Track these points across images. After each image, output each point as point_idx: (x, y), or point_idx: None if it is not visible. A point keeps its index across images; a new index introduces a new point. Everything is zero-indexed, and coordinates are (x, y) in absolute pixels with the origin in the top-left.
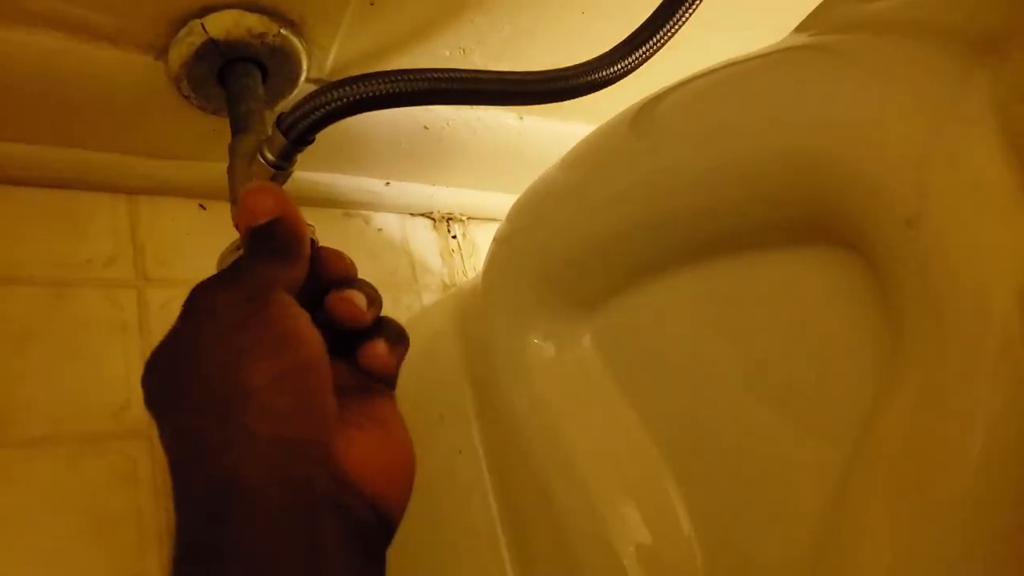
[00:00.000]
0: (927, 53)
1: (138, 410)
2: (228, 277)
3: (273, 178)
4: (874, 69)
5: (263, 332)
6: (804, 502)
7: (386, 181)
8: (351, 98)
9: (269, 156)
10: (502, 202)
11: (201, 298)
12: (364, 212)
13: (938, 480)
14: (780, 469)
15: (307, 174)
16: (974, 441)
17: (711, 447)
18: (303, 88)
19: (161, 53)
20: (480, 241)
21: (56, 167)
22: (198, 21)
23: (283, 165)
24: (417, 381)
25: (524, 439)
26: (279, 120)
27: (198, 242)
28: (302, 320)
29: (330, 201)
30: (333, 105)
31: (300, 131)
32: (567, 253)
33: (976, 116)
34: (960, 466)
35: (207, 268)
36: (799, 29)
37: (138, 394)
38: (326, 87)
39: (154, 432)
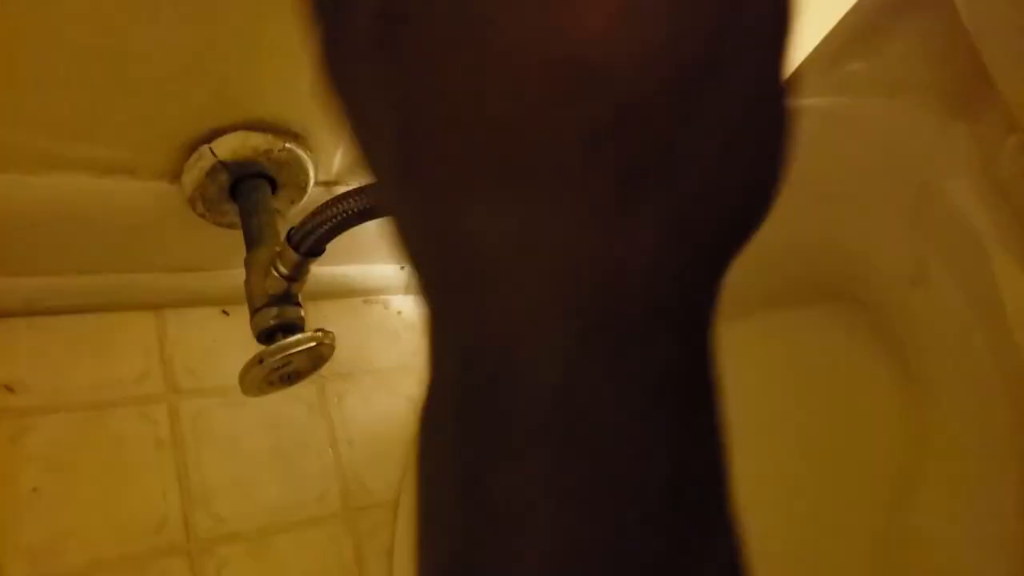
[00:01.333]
0: (907, 111)
1: (174, 526)
2: None
3: (286, 290)
4: (862, 131)
5: None
6: (840, 553)
7: (400, 265)
8: (354, 210)
9: (283, 270)
10: None
11: None
12: (383, 297)
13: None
14: (811, 525)
15: (323, 268)
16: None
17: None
18: (313, 192)
19: (175, 178)
20: None
21: (86, 293)
22: (207, 146)
23: (296, 276)
24: None
25: None
26: (289, 236)
27: (224, 348)
28: None
29: (348, 291)
30: (338, 218)
31: (310, 245)
32: None
33: (961, 166)
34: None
35: (234, 373)
36: None
37: (175, 509)
38: (330, 202)
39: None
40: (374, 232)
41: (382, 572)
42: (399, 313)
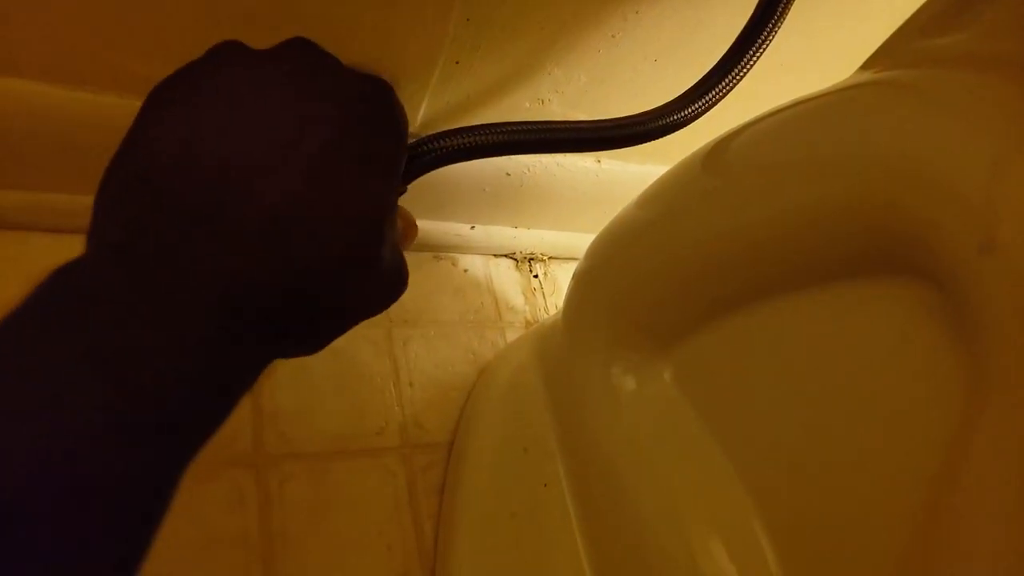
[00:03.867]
0: (994, 86)
1: (245, 439)
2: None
3: None
4: (941, 103)
5: None
6: (893, 540)
7: (471, 225)
8: (441, 152)
9: None
10: (582, 242)
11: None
12: (451, 254)
13: None
14: (868, 506)
15: None
16: None
17: (796, 482)
18: None
19: None
20: (561, 280)
21: None
22: None
23: None
24: (501, 414)
25: (610, 472)
26: None
27: None
28: None
29: (421, 245)
30: (425, 158)
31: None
32: (643, 289)
33: None
34: None
35: None
36: (864, 67)
37: (247, 424)
38: (418, 142)
39: None
40: (448, 190)
41: (431, 507)
42: (465, 271)
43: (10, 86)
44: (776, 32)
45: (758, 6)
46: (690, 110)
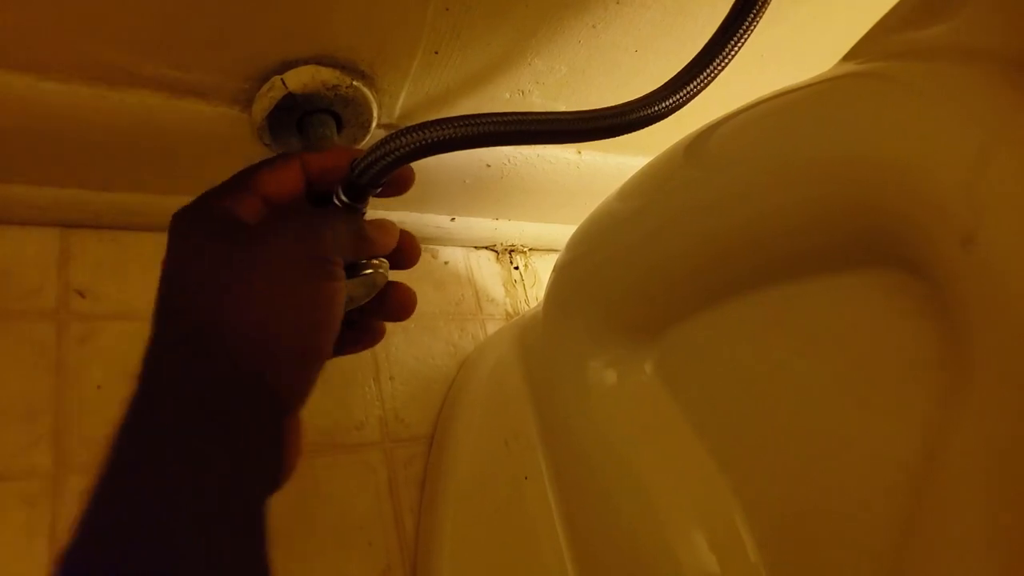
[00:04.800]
0: (978, 77)
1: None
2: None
3: None
4: (924, 93)
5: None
6: (874, 529)
7: (451, 216)
8: (417, 144)
9: (344, 198)
10: (562, 233)
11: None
12: (431, 247)
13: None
14: (848, 496)
15: (378, 213)
16: None
17: (777, 472)
18: (374, 133)
19: (246, 106)
20: (542, 272)
21: (150, 212)
22: (278, 77)
23: (357, 206)
24: (482, 407)
25: (590, 466)
26: (352, 166)
27: None
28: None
29: None
30: (400, 152)
31: (371, 176)
32: (623, 281)
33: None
34: None
35: None
36: (847, 58)
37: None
38: (393, 135)
39: None
40: (428, 181)
41: (413, 501)
42: (445, 263)
43: None
44: (757, 22)
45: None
46: (671, 101)
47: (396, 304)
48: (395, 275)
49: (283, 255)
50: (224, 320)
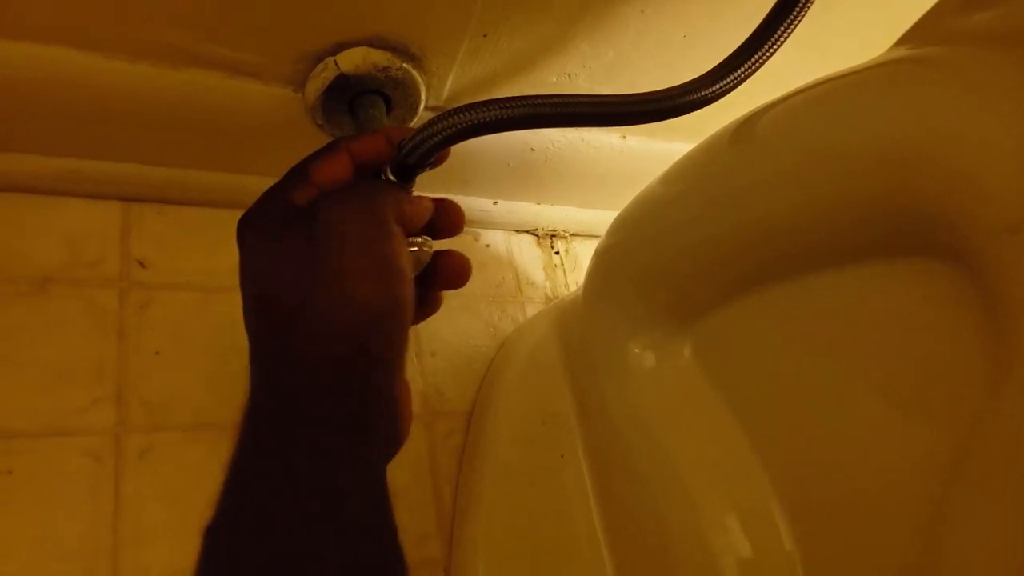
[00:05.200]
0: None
1: None
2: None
3: None
4: (974, 79)
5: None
6: (910, 518)
7: (494, 200)
8: (463, 125)
9: (391, 176)
10: (604, 219)
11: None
12: (474, 229)
13: None
14: (884, 486)
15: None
16: None
17: (813, 459)
18: (422, 115)
19: (299, 87)
20: (582, 257)
21: (205, 189)
22: (332, 58)
23: (404, 185)
24: (521, 386)
25: (627, 447)
26: (400, 145)
27: None
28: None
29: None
30: (448, 132)
31: (419, 155)
32: (664, 265)
33: None
34: None
35: None
36: (899, 43)
37: None
38: (441, 116)
39: None
40: (472, 164)
41: (451, 472)
42: (487, 246)
43: (18, 50)
44: (807, 8)
45: None
46: (717, 87)
47: (450, 271)
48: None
49: (348, 223)
50: (314, 300)
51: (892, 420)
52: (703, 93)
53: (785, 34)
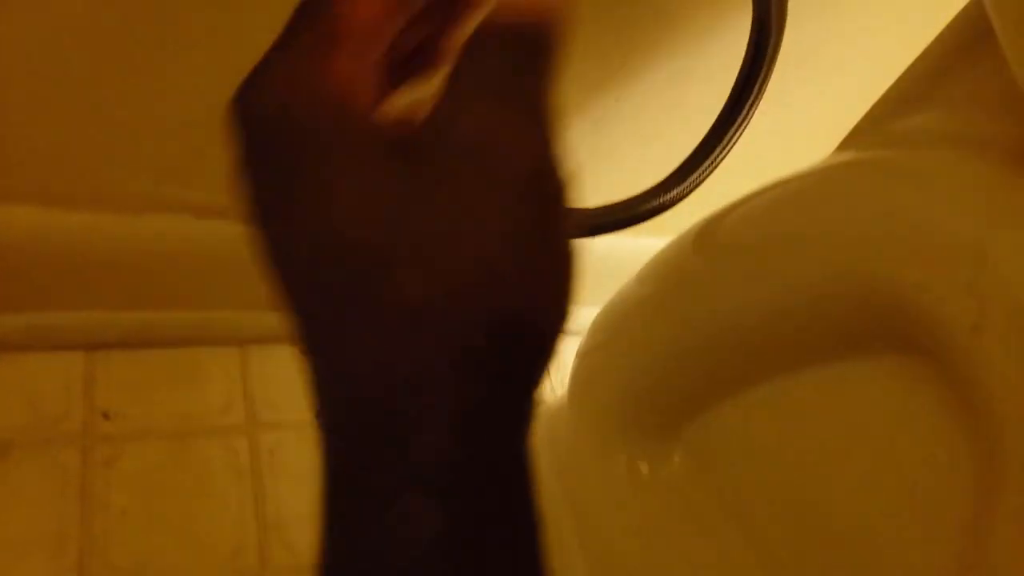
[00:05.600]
0: (970, 163)
1: (250, 553)
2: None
3: None
4: (923, 184)
5: None
6: None
7: None
8: None
9: None
10: (582, 315)
11: None
12: None
13: None
14: None
15: None
16: None
17: (813, 562)
18: None
19: None
20: (563, 353)
21: (176, 328)
22: None
23: None
24: None
25: (627, 566)
26: None
27: (302, 384)
28: None
29: None
30: None
31: None
32: (647, 370)
33: (1022, 220)
34: None
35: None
36: (842, 147)
37: (251, 537)
38: None
39: None
40: None
41: None
42: None
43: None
44: (756, 106)
45: (732, 91)
46: (676, 192)
47: None
48: None
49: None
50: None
51: (886, 517)
52: (662, 199)
53: (737, 135)
